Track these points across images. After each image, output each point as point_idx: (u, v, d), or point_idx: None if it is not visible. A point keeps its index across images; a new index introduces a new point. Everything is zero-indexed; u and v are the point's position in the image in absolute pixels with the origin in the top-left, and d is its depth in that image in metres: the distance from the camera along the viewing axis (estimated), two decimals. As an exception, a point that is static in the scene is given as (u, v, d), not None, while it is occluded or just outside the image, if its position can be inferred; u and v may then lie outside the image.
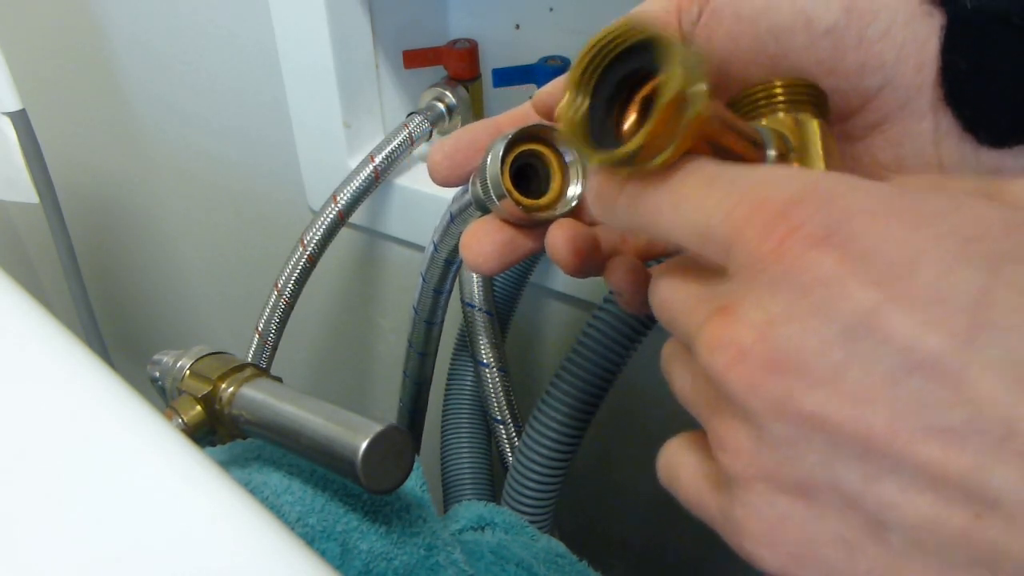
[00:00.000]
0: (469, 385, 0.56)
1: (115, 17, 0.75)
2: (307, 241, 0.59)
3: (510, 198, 0.27)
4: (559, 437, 0.45)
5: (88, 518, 0.24)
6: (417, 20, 0.63)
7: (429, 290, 0.48)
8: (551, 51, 0.59)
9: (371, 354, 0.81)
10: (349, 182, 0.59)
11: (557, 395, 0.45)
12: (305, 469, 0.35)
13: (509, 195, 0.27)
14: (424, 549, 0.34)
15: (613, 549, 0.76)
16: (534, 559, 0.40)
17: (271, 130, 0.70)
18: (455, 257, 0.43)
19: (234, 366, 0.40)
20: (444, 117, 0.61)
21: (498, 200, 0.27)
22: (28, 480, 0.25)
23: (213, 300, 0.95)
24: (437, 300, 0.49)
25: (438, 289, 0.48)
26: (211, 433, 0.39)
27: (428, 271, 0.46)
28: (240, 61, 0.68)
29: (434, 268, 0.45)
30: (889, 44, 0.24)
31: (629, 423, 0.66)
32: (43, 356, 0.30)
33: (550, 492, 0.47)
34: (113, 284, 1.04)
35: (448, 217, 0.37)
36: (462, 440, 0.55)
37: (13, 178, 0.70)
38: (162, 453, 0.27)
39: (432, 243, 0.43)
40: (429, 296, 0.48)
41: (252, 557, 0.24)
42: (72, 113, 0.88)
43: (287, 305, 0.60)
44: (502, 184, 0.27)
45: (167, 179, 0.85)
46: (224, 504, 0.25)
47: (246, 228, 0.82)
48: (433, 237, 0.43)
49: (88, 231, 0.95)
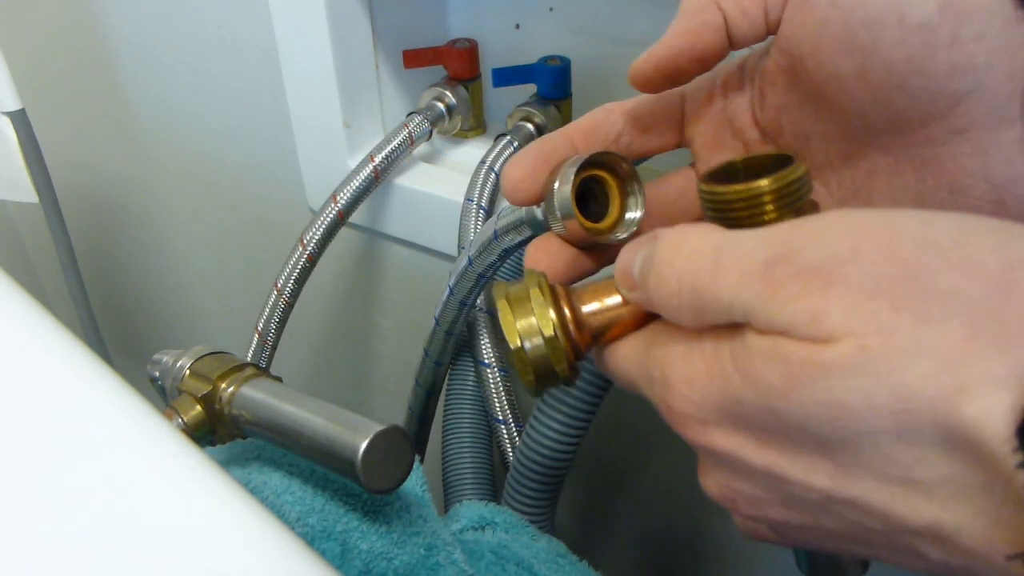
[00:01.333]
0: (470, 385, 0.56)
1: (115, 17, 0.75)
2: (307, 241, 0.59)
3: (576, 219, 0.29)
4: (559, 437, 0.45)
5: (88, 518, 0.24)
6: (417, 20, 0.63)
7: (455, 302, 0.48)
8: (551, 51, 0.59)
9: (371, 354, 0.81)
10: (349, 182, 0.59)
11: (557, 395, 0.45)
12: (305, 469, 0.35)
13: (576, 217, 0.29)
14: (424, 549, 0.34)
15: (613, 549, 0.76)
16: (534, 559, 0.40)
17: (271, 130, 0.70)
18: (489, 272, 0.43)
19: (234, 366, 0.40)
20: (444, 117, 0.61)
21: (563, 221, 0.29)
22: (28, 480, 0.25)
23: (213, 300, 0.95)
24: (460, 312, 0.48)
25: (464, 301, 0.48)
26: (211, 433, 0.39)
27: (458, 284, 0.45)
28: (240, 61, 0.68)
29: (465, 281, 0.45)
30: (982, 47, 0.23)
31: (629, 423, 0.66)
32: (43, 356, 0.30)
33: (550, 492, 0.47)
34: (113, 284, 1.04)
35: (492, 234, 0.38)
36: (463, 440, 0.55)
37: (13, 178, 0.70)
38: (162, 453, 0.27)
39: (468, 257, 0.43)
40: (454, 308, 0.48)
41: (252, 557, 0.24)
42: (72, 113, 0.88)
43: (287, 305, 0.60)
44: (571, 206, 0.29)
45: (167, 179, 0.85)
46: (224, 504, 0.25)
47: (246, 228, 0.82)
48: (469, 251, 0.42)
49: (88, 231, 0.95)
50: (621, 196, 0.30)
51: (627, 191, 0.30)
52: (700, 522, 0.68)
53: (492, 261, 0.42)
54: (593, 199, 0.30)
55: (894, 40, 0.24)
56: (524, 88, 0.59)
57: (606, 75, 0.60)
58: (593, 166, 0.29)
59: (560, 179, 0.29)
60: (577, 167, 0.29)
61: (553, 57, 0.58)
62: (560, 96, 0.58)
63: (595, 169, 0.30)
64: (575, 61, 0.58)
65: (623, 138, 0.31)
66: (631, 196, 0.30)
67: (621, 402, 0.63)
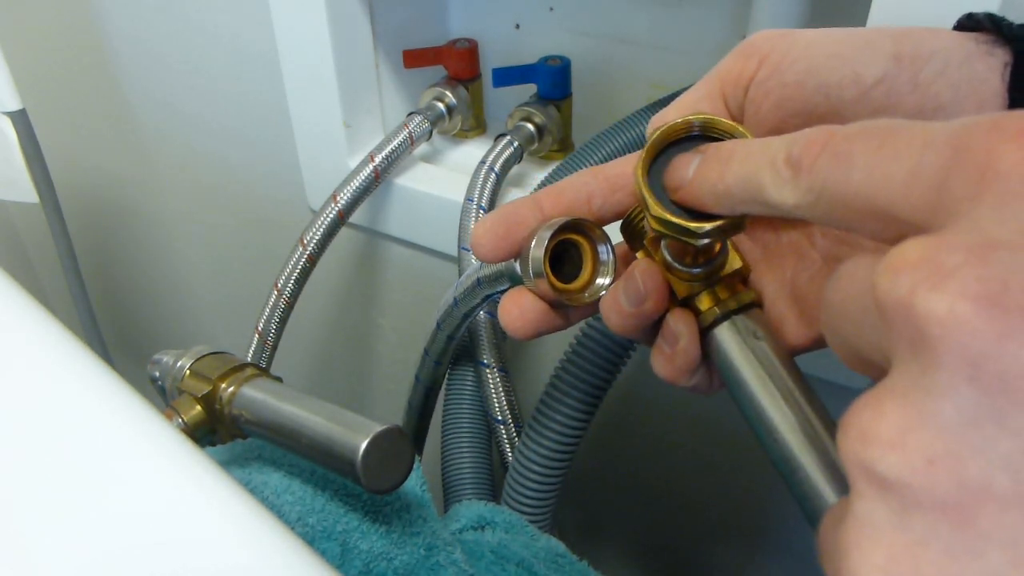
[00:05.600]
0: (470, 385, 0.56)
1: (115, 17, 0.75)
2: (307, 241, 0.59)
3: (547, 280, 0.31)
4: (559, 437, 0.45)
5: (88, 518, 0.24)
6: (417, 20, 0.63)
7: (443, 336, 0.50)
8: (551, 51, 0.59)
9: (371, 354, 0.81)
10: (349, 182, 0.59)
11: (557, 395, 0.45)
12: (305, 469, 0.35)
13: (547, 278, 0.31)
14: (424, 549, 0.34)
15: (613, 549, 0.76)
16: (534, 559, 0.40)
17: (271, 130, 0.70)
18: (473, 312, 0.46)
19: (234, 366, 0.40)
20: (444, 117, 0.61)
21: (535, 279, 0.31)
22: (28, 480, 0.25)
23: (213, 300, 0.95)
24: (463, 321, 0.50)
25: (451, 336, 0.50)
26: (211, 433, 0.39)
27: (445, 321, 0.48)
28: (240, 61, 0.68)
29: (451, 320, 0.48)
30: (944, 84, 0.23)
31: (629, 422, 0.66)
32: (43, 356, 0.30)
33: (550, 492, 0.47)
34: (113, 284, 1.04)
35: (476, 281, 0.41)
36: (463, 440, 0.55)
37: (13, 178, 0.70)
38: (162, 453, 0.27)
39: (454, 298, 0.45)
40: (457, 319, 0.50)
41: (252, 557, 0.24)
42: (72, 113, 0.88)
43: (287, 305, 0.60)
44: (543, 267, 0.30)
45: (167, 179, 0.85)
46: (224, 504, 0.25)
47: (246, 228, 0.82)
48: (455, 293, 0.45)
49: (88, 231, 0.95)
50: (593, 262, 0.32)
51: (599, 258, 0.32)
52: (700, 522, 0.68)
53: (476, 304, 0.44)
54: (568, 260, 0.32)
55: (854, 99, 0.24)
56: (524, 88, 0.59)
57: (606, 75, 0.60)
58: (568, 230, 0.31)
59: (536, 241, 0.31)
60: (552, 231, 0.30)
61: (553, 57, 0.58)
62: (560, 96, 0.58)
63: (570, 233, 0.31)
64: (575, 61, 0.58)
65: (595, 199, 0.32)
66: (603, 264, 0.32)
67: (621, 402, 0.63)
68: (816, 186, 0.19)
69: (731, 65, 0.27)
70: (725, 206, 0.23)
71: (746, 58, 0.27)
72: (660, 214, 0.25)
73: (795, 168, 0.19)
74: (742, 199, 0.22)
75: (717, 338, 0.27)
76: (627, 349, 0.44)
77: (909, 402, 0.14)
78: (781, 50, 0.26)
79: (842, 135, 0.19)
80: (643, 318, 0.28)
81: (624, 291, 0.28)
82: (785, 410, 0.25)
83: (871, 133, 0.18)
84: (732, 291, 0.28)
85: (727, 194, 0.22)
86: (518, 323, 0.32)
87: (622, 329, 0.29)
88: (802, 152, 0.19)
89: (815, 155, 0.19)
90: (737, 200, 0.22)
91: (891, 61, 0.24)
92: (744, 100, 0.27)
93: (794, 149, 0.20)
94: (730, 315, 0.27)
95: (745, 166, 0.21)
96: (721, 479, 0.63)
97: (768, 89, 0.26)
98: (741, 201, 0.22)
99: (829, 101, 0.25)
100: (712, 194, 0.23)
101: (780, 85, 0.26)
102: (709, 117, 0.25)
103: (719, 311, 0.27)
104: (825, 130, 0.19)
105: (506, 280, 0.37)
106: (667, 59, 0.57)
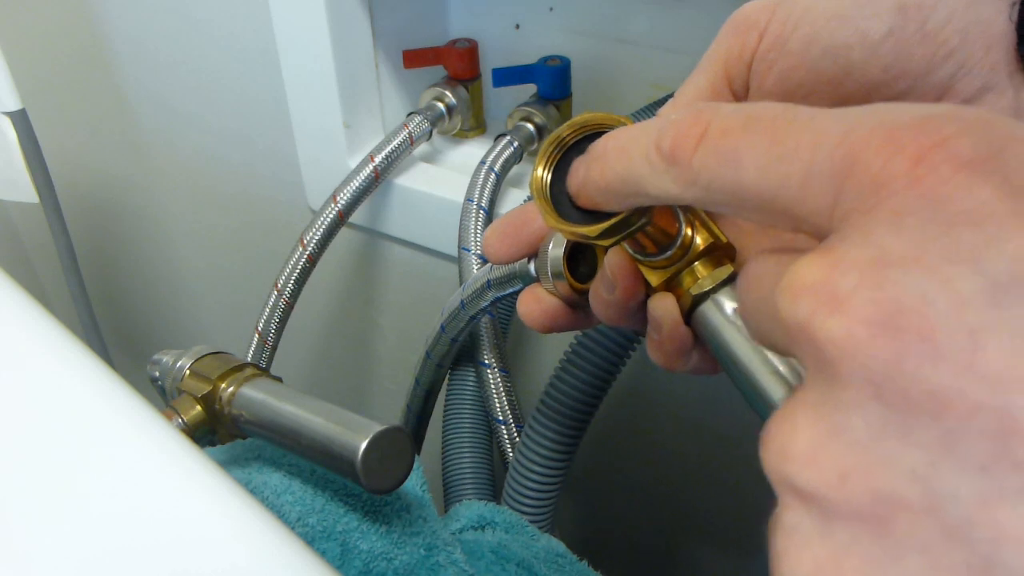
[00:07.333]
0: (470, 385, 0.56)
1: (115, 17, 0.75)
2: (307, 241, 0.59)
3: (565, 280, 0.31)
4: (559, 437, 0.45)
5: (88, 518, 0.24)
6: (417, 20, 0.63)
7: (447, 340, 0.50)
8: (551, 51, 0.59)
9: (371, 354, 0.81)
10: (349, 182, 0.59)
11: (557, 395, 0.45)
12: (305, 469, 0.35)
13: (565, 278, 0.31)
14: (424, 549, 0.34)
15: (613, 549, 0.76)
16: (534, 559, 0.40)
17: (271, 130, 0.70)
18: (479, 315, 0.46)
19: (234, 366, 0.40)
20: (444, 117, 0.61)
21: (553, 280, 0.31)
22: (28, 480, 0.25)
23: (213, 300, 0.95)
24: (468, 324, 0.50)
25: (455, 339, 0.50)
26: (211, 433, 0.39)
27: (450, 324, 0.49)
28: (240, 61, 0.68)
29: (456, 323, 0.48)
30: (952, 30, 0.23)
31: (629, 422, 0.66)
32: (43, 356, 0.30)
33: (550, 492, 0.47)
34: (113, 284, 1.04)
35: (486, 283, 0.41)
36: (463, 440, 0.55)
37: (13, 178, 0.70)
38: (162, 453, 0.27)
39: (460, 301, 0.45)
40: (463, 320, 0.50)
41: (252, 557, 0.24)
42: (72, 113, 0.88)
43: (287, 305, 0.60)
44: (562, 267, 0.31)
45: (167, 179, 0.85)
46: (224, 504, 0.25)
47: (246, 228, 0.82)
48: (462, 296, 0.45)
49: (88, 231, 0.95)
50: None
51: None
52: (700, 522, 0.68)
53: (483, 306, 0.44)
54: (584, 260, 0.32)
55: (863, 59, 0.24)
56: (524, 88, 0.59)
57: (606, 75, 0.60)
58: None
59: (554, 240, 0.31)
60: None
61: (553, 57, 0.58)
62: (560, 96, 0.58)
63: None
64: (575, 61, 0.58)
65: None
66: None
67: (621, 402, 0.63)
68: (701, 181, 0.18)
69: (729, 44, 0.26)
70: (618, 203, 0.22)
71: (744, 33, 0.26)
72: (555, 224, 0.24)
73: (670, 161, 0.19)
74: (628, 193, 0.21)
75: (701, 318, 0.27)
76: (627, 349, 0.44)
77: (820, 416, 0.15)
78: (780, 19, 0.25)
79: (719, 129, 0.18)
80: (620, 306, 0.28)
81: (600, 280, 0.28)
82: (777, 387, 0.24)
83: (755, 128, 0.17)
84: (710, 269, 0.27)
85: (611, 191, 0.22)
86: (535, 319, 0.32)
87: (607, 317, 0.29)
88: (674, 145, 0.19)
89: (691, 149, 0.18)
90: (624, 195, 0.22)
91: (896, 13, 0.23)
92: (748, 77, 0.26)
93: (664, 142, 0.19)
94: (708, 294, 0.26)
95: (621, 161, 0.21)
96: (721, 479, 0.63)
97: (771, 62, 0.25)
98: (628, 195, 0.21)
99: (837, 64, 0.24)
100: (601, 193, 0.22)
101: (783, 55, 0.25)
102: (588, 115, 0.25)
103: (694, 292, 0.26)
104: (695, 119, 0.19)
105: (518, 281, 0.38)
106: (667, 59, 0.57)
